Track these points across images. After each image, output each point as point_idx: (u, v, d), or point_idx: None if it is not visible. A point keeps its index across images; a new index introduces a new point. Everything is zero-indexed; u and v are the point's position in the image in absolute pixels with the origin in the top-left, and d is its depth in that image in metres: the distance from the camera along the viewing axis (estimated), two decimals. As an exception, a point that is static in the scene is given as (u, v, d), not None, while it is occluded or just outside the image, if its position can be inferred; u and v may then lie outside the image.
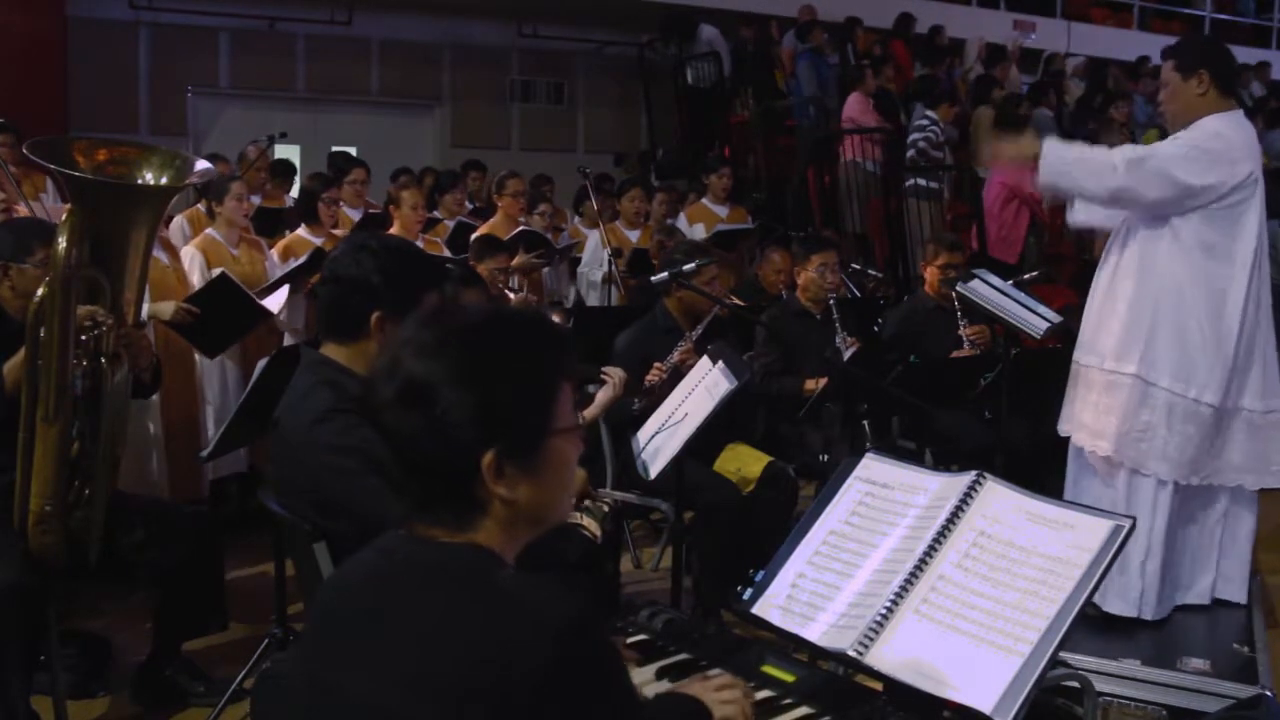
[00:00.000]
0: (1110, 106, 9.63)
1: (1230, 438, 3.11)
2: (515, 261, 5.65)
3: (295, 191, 7.36)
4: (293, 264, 4.74)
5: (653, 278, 3.96)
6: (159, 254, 4.22)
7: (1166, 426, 3.07)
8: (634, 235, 6.45)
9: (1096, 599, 3.04)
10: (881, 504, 1.85)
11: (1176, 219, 3.08)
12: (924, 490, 1.82)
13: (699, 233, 6.54)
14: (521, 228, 6.05)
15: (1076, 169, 3.09)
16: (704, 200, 7.11)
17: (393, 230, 5.39)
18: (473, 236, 5.55)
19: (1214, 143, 3.04)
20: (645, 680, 1.72)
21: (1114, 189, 3.05)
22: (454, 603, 1.26)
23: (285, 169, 7.49)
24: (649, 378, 3.81)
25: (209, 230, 4.89)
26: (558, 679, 1.19)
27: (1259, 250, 3.08)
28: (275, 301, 4.53)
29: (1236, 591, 3.24)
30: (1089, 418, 3.20)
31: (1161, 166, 3.02)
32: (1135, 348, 3.11)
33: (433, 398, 1.26)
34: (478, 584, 1.27)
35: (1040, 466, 3.41)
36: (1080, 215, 3.36)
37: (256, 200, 6.45)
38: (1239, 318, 3.04)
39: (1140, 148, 3.08)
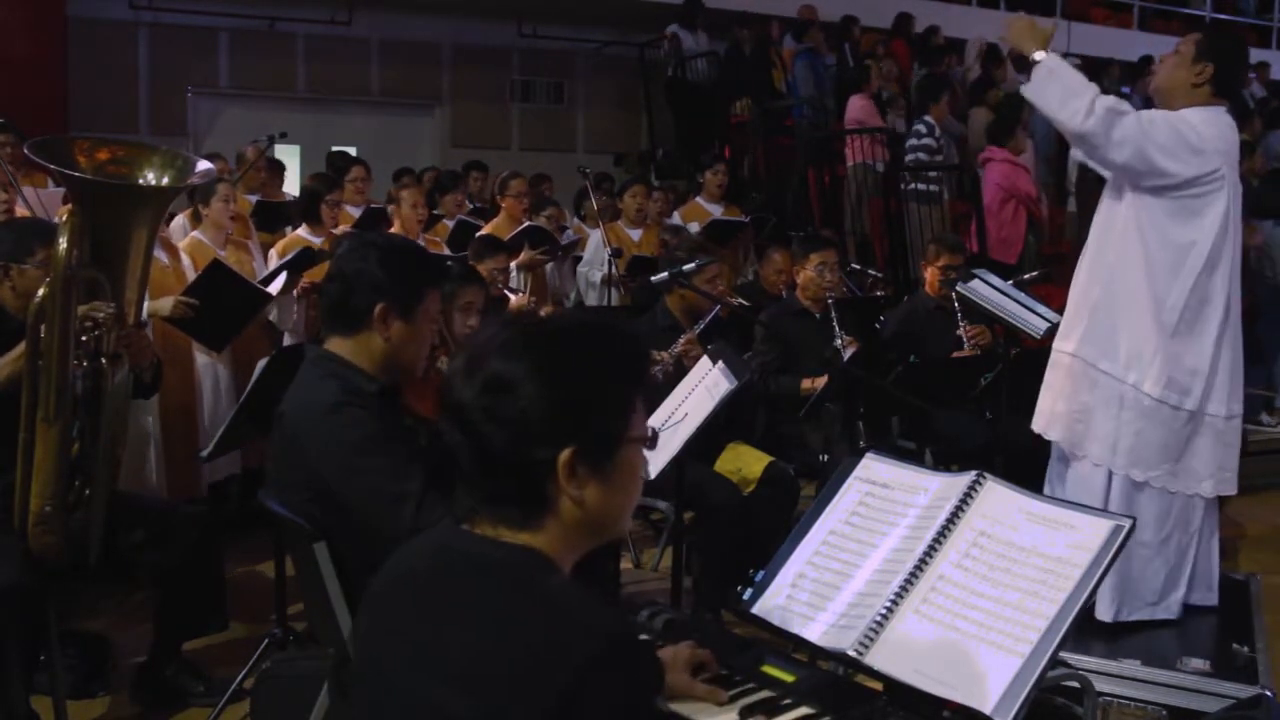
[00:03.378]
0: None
1: (1195, 443, 3.05)
2: (520, 259, 5.65)
3: (287, 186, 7.36)
4: (284, 260, 4.74)
5: (654, 277, 3.96)
6: (159, 254, 4.22)
7: (1104, 410, 3.04)
8: (636, 234, 6.44)
9: None
10: (881, 504, 1.85)
11: (1139, 205, 3.02)
12: (924, 490, 1.82)
13: (693, 231, 6.54)
14: (526, 224, 6.05)
15: (1059, 92, 2.96)
16: (699, 199, 7.10)
17: (393, 229, 5.40)
18: (475, 236, 5.55)
19: (1189, 133, 2.97)
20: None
21: (1082, 131, 2.91)
22: (505, 604, 1.28)
23: (275, 166, 7.49)
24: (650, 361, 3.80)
25: (195, 233, 4.89)
26: (593, 689, 1.21)
27: (1219, 251, 2.99)
28: (274, 286, 4.53)
29: (1207, 595, 3.19)
30: (1041, 400, 3.20)
31: (1138, 132, 2.91)
32: (1077, 327, 3.10)
33: (516, 393, 1.29)
34: (531, 588, 1.29)
35: (1040, 466, 3.41)
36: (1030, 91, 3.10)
37: (254, 199, 6.45)
38: (1178, 313, 2.98)
39: (1124, 103, 2.95)
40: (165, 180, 2.95)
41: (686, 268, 3.76)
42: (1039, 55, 3.02)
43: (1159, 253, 3.01)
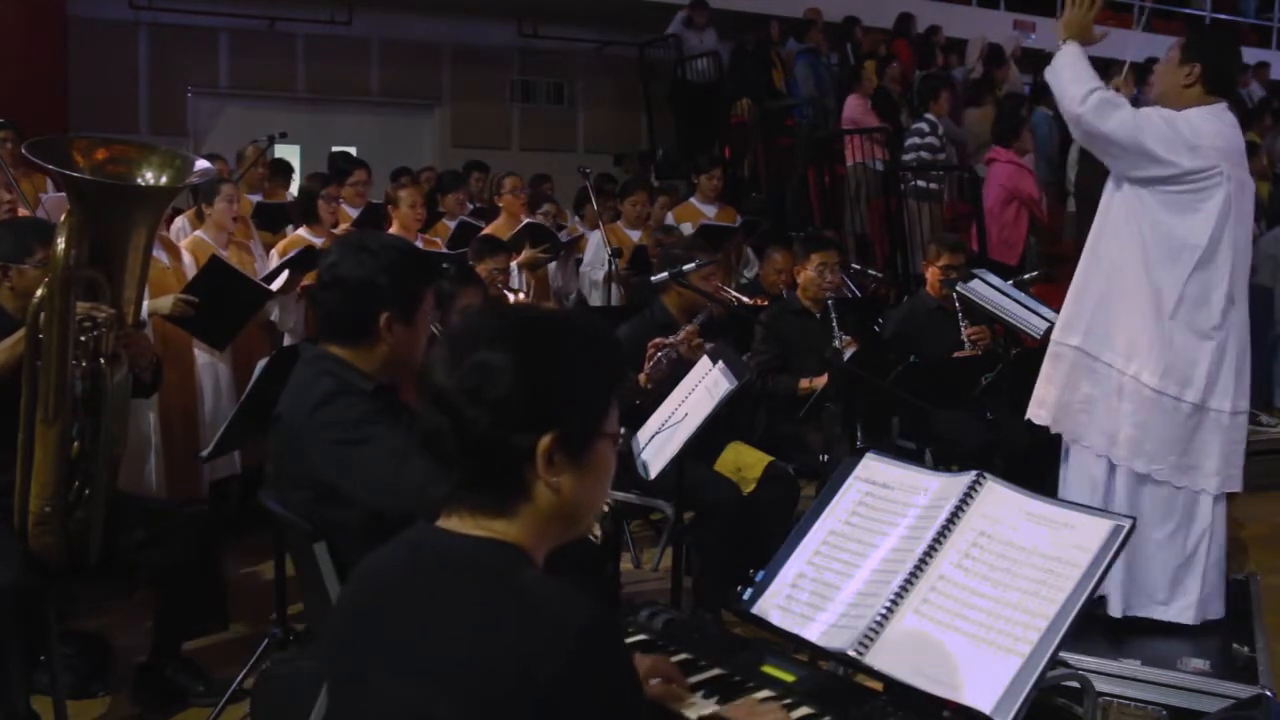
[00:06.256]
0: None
1: (1200, 438, 3.06)
2: (521, 257, 5.65)
3: (295, 189, 7.38)
4: (285, 259, 4.74)
5: (652, 277, 3.95)
6: (159, 254, 4.21)
7: (1106, 401, 3.08)
8: (636, 235, 6.45)
9: None
10: (881, 504, 1.85)
11: (1136, 198, 3.07)
12: (924, 490, 1.82)
13: (685, 232, 6.53)
14: (526, 221, 6.04)
15: (1067, 76, 3.11)
16: (692, 200, 7.10)
17: (391, 229, 5.40)
18: (475, 237, 5.55)
19: (1184, 127, 3.02)
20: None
21: (1076, 114, 3.06)
22: (478, 602, 1.29)
23: (283, 168, 7.51)
24: (652, 344, 3.77)
25: (198, 232, 4.89)
26: (573, 684, 1.21)
27: (1217, 246, 3.01)
28: (275, 284, 4.53)
29: (1218, 608, 3.14)
30: (1040, 390, 3.23)
31: (1130, 120, 3.01)
32: (1081, 320, 3.14)
33: (499, 378, 1.31)
34: (503, 583, 1.30)
35: (1040, 466, 3.41)
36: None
37: (256, 198, 6.46)
38: (1175, 304, 3.01)
39: (1120, 98, 3.08)
40: (164, 180, 2.94)
41: (686, 267, 3.76)
42: (1068, 44, 3.18)
43: (1155, 245, 3.05)
